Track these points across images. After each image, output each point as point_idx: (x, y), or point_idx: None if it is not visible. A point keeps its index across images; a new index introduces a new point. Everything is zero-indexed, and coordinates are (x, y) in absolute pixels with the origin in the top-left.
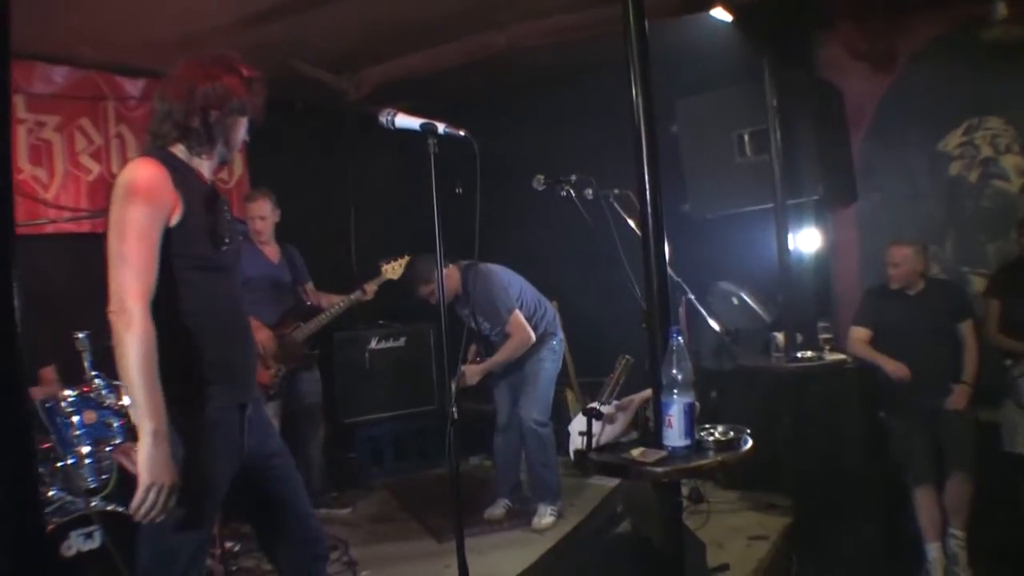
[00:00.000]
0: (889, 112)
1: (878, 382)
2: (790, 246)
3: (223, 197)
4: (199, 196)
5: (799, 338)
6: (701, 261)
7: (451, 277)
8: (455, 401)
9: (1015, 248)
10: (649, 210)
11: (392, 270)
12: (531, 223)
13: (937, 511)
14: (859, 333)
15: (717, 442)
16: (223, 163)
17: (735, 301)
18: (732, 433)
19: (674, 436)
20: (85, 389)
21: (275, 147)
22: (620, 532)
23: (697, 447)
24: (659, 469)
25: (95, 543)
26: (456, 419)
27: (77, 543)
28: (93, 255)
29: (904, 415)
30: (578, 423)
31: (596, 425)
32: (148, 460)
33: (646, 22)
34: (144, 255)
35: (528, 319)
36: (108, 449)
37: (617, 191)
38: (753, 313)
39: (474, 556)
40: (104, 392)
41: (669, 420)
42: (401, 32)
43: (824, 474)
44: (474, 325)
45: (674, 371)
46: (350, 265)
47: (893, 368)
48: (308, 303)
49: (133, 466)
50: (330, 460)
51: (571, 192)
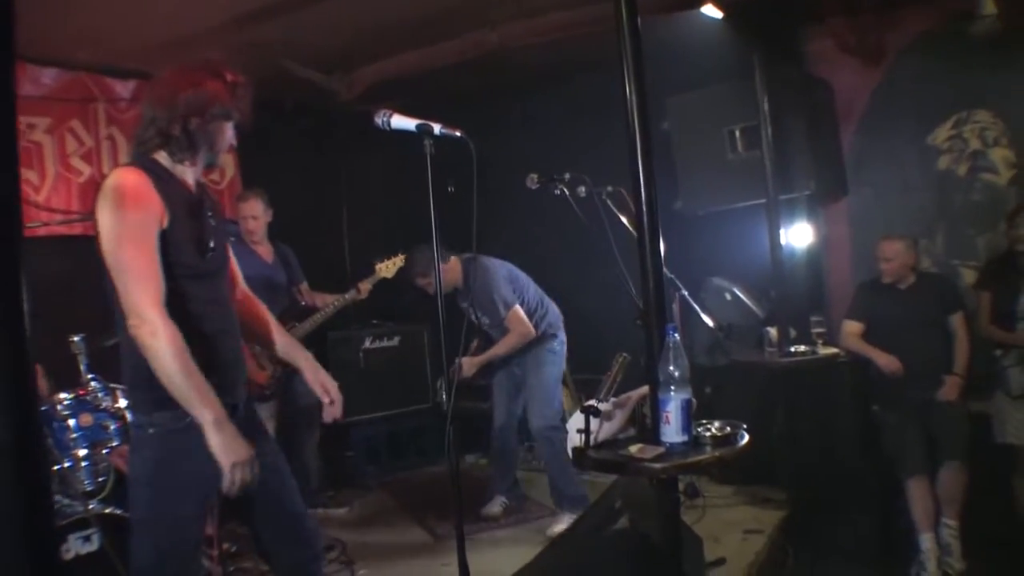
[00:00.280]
0: (879, 106)
1: (871, 375)
2: (782, 241)
3: (210, 201)
4: (182, 203)
5: (792, 333)
6: (694, 257)
7: (453, 269)
8: (450, 396)
9: (1004, 240)
10: (644, 207)
11: (386, 268)
12: (526, 222)
13: (930, 502)
14: (851, 327)
15: (714, 438)
16: (211, 167)
17: (728, 297)
18: (729, 428)
19: (671, 432)
20: (81, 392)
21: (267, 147)
22: (618, 528)
23: (694, 443)
24: (657, 465)
25: (93, 546)
26: (446, 412)
27: (75, 546)
28: (85, 257)
29: (896, 407)
30: (576, 420)
31: (594, 422)
32: (220, 447)
33: (638, 20)
34: (146, 261)
35: (528, 316)
36: (105, 452)
37: (610, 188)
38: (746, 308)
39: (471, 554)
40: (100, 395)
41: (666, 416)
42: (393, 31)
43: (818, 467)
44: (475, 319)
45: (671, 368)
46: (344, 264)
47: (885, 361)
48: (303, 303)
49: None
50: (326, 460)
51: (565, 190)
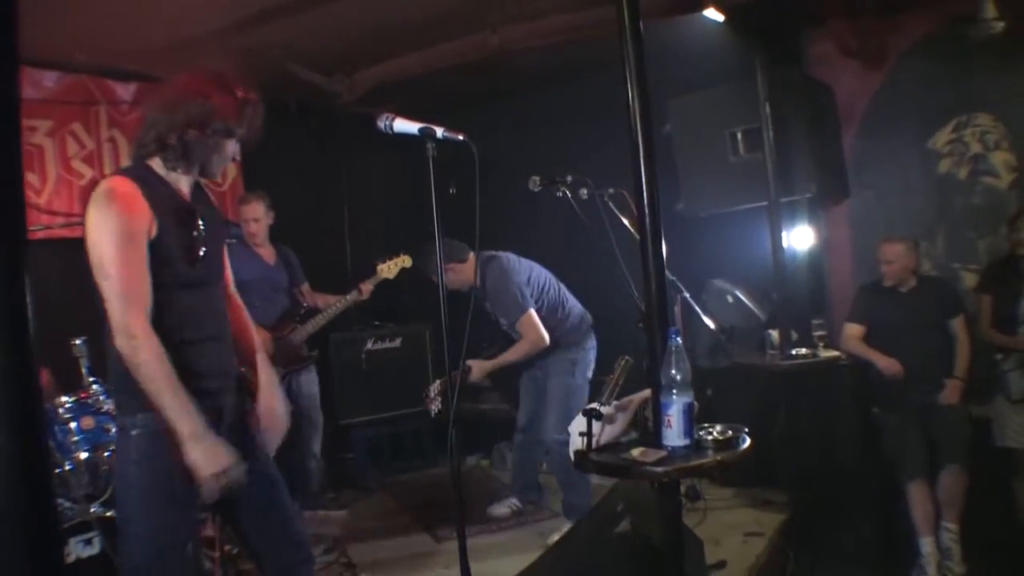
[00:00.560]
0: (880, 109)
1: (871, 378)
2: (784, 244)
3: (206, 206)
4: (173, 212)
5: (794, 335)
6: (695, 259)
7: (468, 268)
8: (453, 398)
9: (1005, 244)
10: (647, 210)
11: (388, 269)
12: (527, 224)
13: (930, 505)
14: (853, 330)
15: (716, 441)
16: (207, 178)
17: (730, 299)
18: (731, 432)
19: (673, 436)
20: (83, 395)
21: (269, 149)
22: (620, 531)
23: (696, 446)
24: (659, 469)
25: (94, 549)
26: (440, 413)
27: (76, 549)
28: (87, 260)
29: (897, 410)
30: (578, 423)
31: (596, 425)
32: (198, 459)
33: (640, 22)
34: (133, 272)
35: (544, 320)
36: (106, 455)
37: (612, 190)
38: (748, 311)
39: (472, 556)
40: (102, 398)
41: (668, 420)
42: (394, 33)
43: (819, 470)
44: (494, 319)
45: (673, 371)
46: (345, 266)
47: (886, 364)
48: (304, 304)
49: None
50: (328, 461)
51: (567, 192)
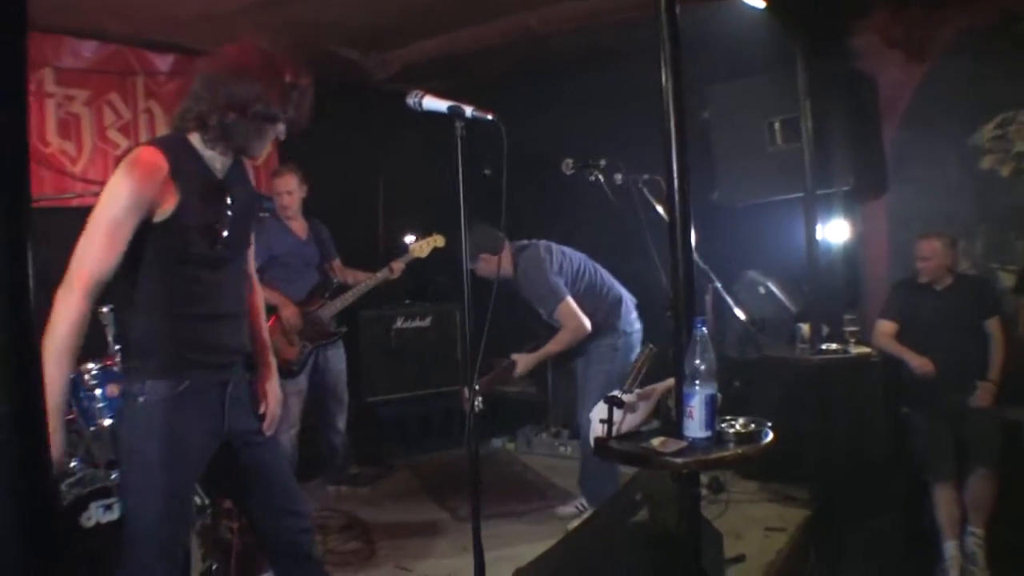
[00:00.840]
0: (923, 103)
1: (902, 377)
2: (818, 236)
3: (241, 184)
4: (200, 189)
5: (825, 330)
6: (729, 250)
7: (504, 259)
8: (471, 382)
9: None
10: (676, 197)
11: (420, 249)
12: (561, 208)
13: (956, 509)
14: (885, 326)
15: (738, 434)
16: (247, 156)
17: (762, 291)
18: (753, 425)
19: (694, 427)
20: (108, 362)
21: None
22: (638, 520)
23: (718, 439)
24: (678, 460)
25: (114, 515)
26: (473, 405)
27: (96, 514)
28: None
29: (927, 410)
30: (599, 411)
31: (617, 413)
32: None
33: (677, 6)
34: (108, 240)
35: (582, 306)
36: None
37: (646, 176)
38: (779, 303)
39: (489, 539)
40: None
41: (690, 411)
42: (431, 12)
43: (845, 468)
44: (537, 310)
45: (697, 361)
46: (378, 243)
47: (918, 363)
48: (335, 280)
49: None
50: (353, 438)
51: (600, 177)
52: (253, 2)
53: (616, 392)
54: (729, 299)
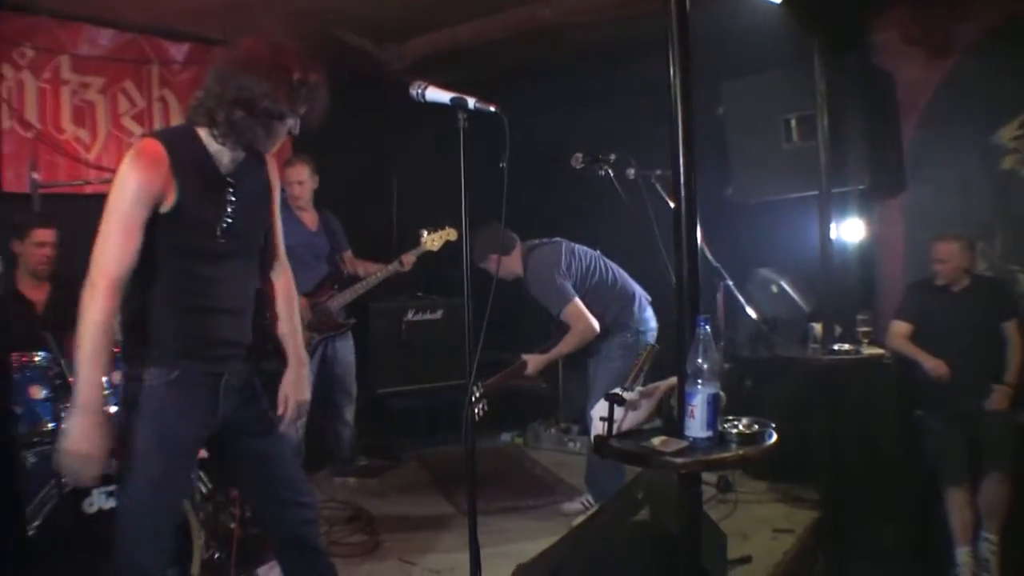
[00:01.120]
0: (943, 101)
1: (916, 379)
2: (833, 235)
3: (248, 180)
4: (202, 183)
5: (837, 330)
6: (742, 247)
7: (514, 259)
8: (470, 376)
9: None
10: (683, 193)
11: (432, 241)
12: (579, 204)
13: (970, 514)
14: (899, 328)
15: (740, 435)
16: (257, 151)
17: (774, 289)
18: (757, 426)
19: (696, 427)
20: (115, 350)
21: None
22: (639, 519)
23: (719, 439)
24: (678, 460)
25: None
26: (473, 405)
27: (99, 501)
28: None
29: (941, 413)
30: (600, 408)
31: (618, 411)
32: (70, 430)
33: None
34: (123, 237)
35: (590, 305)
36: None
37: (659, 172)
38: (792, 302)
39: (491, 534)
40: None
41: (692, 410)
42: (446, 3)
43: (855, 470)
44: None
45: (699, 360)
46: (391, 235)
47: (932, 365)
48: (346, 271)
49: None
50: (361, 429)
51: (610, 171)
52: None
53: (617, 390)
54: (741, 297)
